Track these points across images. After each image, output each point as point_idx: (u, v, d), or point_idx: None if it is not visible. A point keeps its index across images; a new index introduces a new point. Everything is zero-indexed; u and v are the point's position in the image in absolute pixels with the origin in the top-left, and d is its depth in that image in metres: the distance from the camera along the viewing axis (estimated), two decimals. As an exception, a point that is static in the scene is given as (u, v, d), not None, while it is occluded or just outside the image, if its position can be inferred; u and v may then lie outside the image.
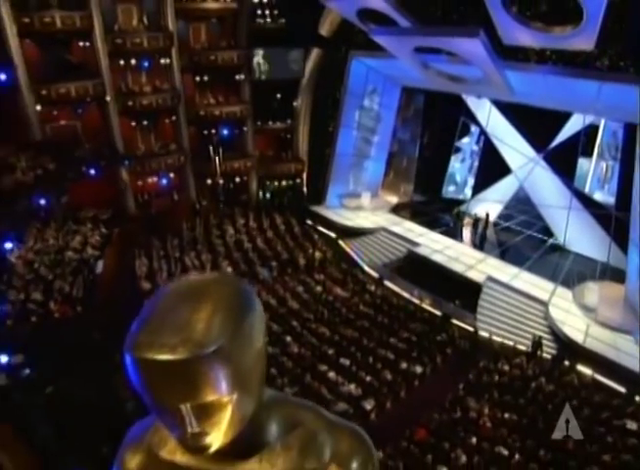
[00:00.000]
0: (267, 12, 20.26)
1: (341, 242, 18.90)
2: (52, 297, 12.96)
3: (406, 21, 14.37)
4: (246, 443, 1.01)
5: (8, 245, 12.59)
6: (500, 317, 14.43)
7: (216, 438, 0.92)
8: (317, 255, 17.83)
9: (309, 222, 20.23)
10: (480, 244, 18.23)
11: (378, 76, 19.70)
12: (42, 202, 15.13)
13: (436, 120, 20.24)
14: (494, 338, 13.84)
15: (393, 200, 21.70)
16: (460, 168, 21.17)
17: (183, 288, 0.88)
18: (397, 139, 21.97)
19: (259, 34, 19.93)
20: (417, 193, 21.77)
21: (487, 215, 18.95)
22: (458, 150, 20.87)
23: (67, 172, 15.86)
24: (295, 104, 21.58)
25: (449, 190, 21.22)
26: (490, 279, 15.28)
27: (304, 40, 19.76)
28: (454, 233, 18.64)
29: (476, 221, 19.07)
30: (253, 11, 19.87)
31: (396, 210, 20.89)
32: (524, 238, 18.37)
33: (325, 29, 19.00)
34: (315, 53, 20.13)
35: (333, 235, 19.30)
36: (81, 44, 17.48)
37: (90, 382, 9.98)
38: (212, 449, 0.93)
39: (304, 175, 22.02)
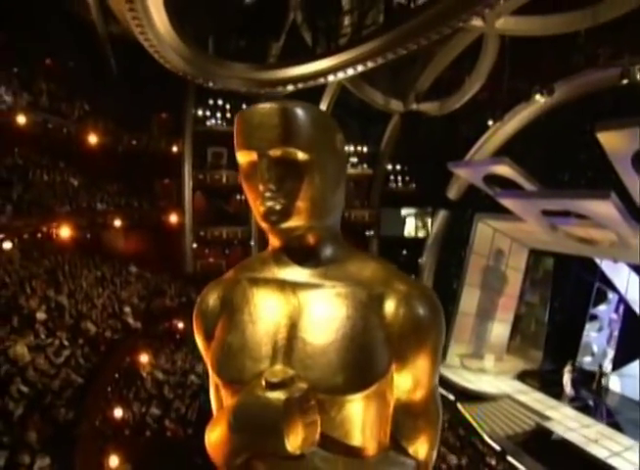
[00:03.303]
0: (399, 177, 22.42)
1: (459, 405, 17.50)
2: (168, 415, 13.53)
3: (532, 185, 14.93)
4: (314, 247, 1.14)
5: (144, 358, 13.82)
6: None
7: (289, 208, 1.06)
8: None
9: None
10: (593, 404, 15.85)
11: (504, 238, 19.88)
12: (180, 326, 16.70)
13: (568, 284, 19.25)
14: None
15: (520, 366, 20.00)
16: (597, 338, 19.22)
17: None
18: (525, 301, 21.04)
19: (391, 196, 21.87)
20: (547, 361, 19.91)
21: (600, 368, 16.70)
22: (594, 317, 19.21)
23: (206, 303, 17.65)
24: (420, 261, 22.26)
25: (585, 361, 19.10)
26: (642, 472, 12.75)
27: (432, 203, 21.15)
28: (591, 410, 16.35)
29: (576, 369, 16.84)
30: (387, 176, 22.15)
31: (523, 377, 19.12)
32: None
33: (452, 193, 20.25)
34: (442, 214, 21.24)
35: (451, 397, 17.98)
36: (238, 197, 20.70)
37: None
38: (284, 223, 1.07)
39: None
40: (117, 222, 17.07)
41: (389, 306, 1.10)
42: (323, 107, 19.19)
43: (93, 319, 13.37)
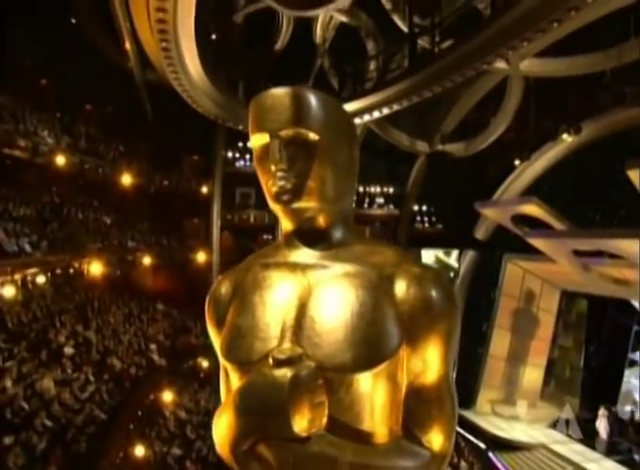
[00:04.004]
0: (426, 218, 22.36)
1: (491, 454, 16.63)
2: (190, 456, 13.28)
3: (562, 224, 14.66)
4: (325, 229, 1.16)
5: (167, 397, 13.72)
6: None
7: (300, 188, 1.08)
8: (463, 465, 15.81)
9: (457, 428, 18.45)
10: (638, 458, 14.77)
11: (535, 279, 19.39)
12: (204, 365, 16.62)
13: (604, 328, 18.49)
14: None
15: (555, 413, 19.02)
16: (638, 386, 18.21)
17: None
18: (558, 345, 20.24)
19: (417, 237, 21.75)
20: (584, 409, 18.86)
21: (632, 414, 15.61)
22: (634, 363, 18.25)
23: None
24: (448, 302, 21.83)
25: (625, 410, 18.02)
26: None
27: (460, 243, 20.91)
28: (636, 464, 15.27)
29: (612, 413, 15.70)
30: (413, 217, 22.12)
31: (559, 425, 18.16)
32: None
33: (480, 233, 20.02)
34: (470, 255, 20.94)
35: (482, 445, 17.14)
36: (265, 236, 20.93)
37: None
38: (295, 203, 1.09)
39: (453, 375, 20.95)
40: (147, 260, 17.42)
41: (400, 286, 1.09)
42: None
43: (119, 355, 13.46)
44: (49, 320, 12.50)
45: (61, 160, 14.53)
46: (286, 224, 1.21)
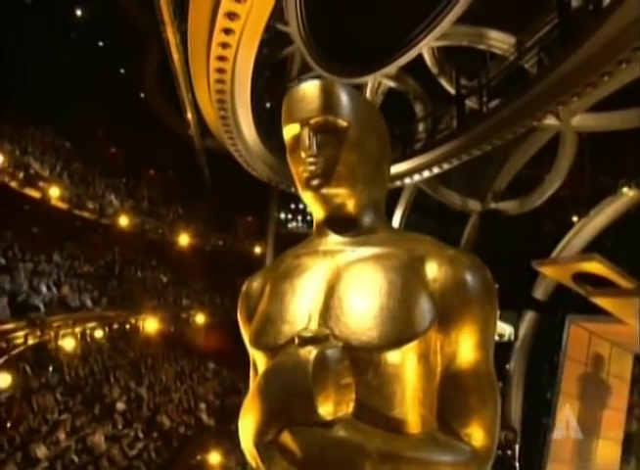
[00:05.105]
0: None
1: None
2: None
3: (629, 282, 13.78)
4: (355, 216, 1.17)
5: (214, 458, 13.39)
6: None
7: (329, 172, 1.10)
8: None
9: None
10: None
11: (602, 342, 18.07)
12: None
13: (688, 397, 16.74)
14: None
15: (639, 496, 17.02)
16: None
17: None
18: (636, 417, 18.40)
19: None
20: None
21: None
22: None
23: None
24: (507, 367, 20.62)
25: None
26: None
27: (518, 304, 19.98)
28: None
29: None
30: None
31: (643, 511, 16.15)
32: None
33: (539, 293, 19.10)
34: (529, 316, 19.93)
35: (553, 530, 15.43)
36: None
37: None
38: (325, 188, 1.11)
39: (516, 447, 19.34)
40: (200, 318, 17.71)
41: (432, 266, 1.07)
42: (400, 210, 19.59)
43: (169, 413, 13.42)
44: (104, 375, 12.78)
45: (124, 221, 15.44)
46: (317, 212, 1.23)
